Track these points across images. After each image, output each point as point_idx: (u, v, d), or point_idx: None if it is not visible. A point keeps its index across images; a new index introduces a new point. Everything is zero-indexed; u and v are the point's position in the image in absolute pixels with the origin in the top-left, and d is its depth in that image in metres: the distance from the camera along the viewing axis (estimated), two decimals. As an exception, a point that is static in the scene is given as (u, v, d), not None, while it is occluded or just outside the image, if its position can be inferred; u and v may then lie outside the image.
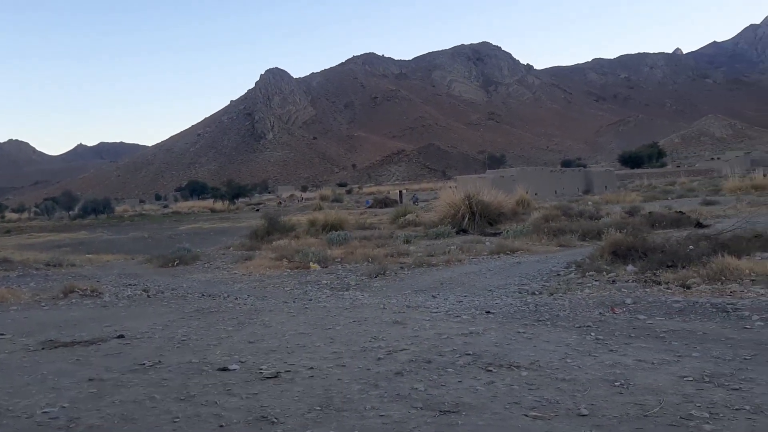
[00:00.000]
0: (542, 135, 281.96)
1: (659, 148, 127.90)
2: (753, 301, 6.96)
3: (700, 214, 22.07)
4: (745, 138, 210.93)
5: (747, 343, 5.29)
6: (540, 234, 18.37)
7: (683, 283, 8.67)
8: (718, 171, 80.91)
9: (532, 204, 30.41)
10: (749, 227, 13.74)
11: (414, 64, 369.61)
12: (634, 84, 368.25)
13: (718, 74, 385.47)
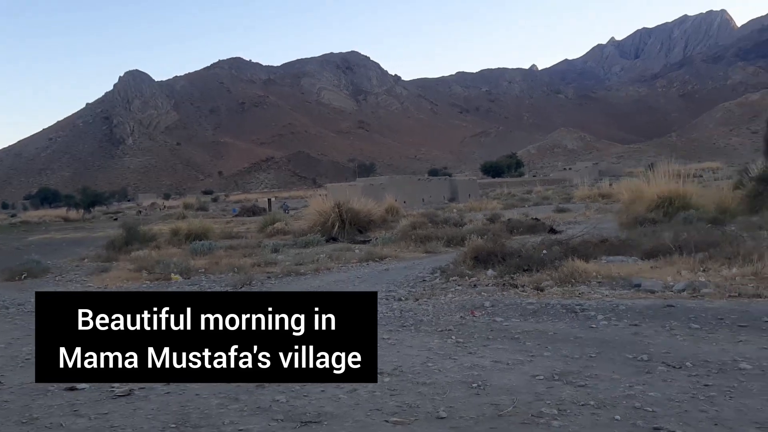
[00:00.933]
0: (410, 144, 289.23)
1: (518, 159, 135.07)
2: (598, 302, 7.47)
3: (554, 220, 23.44)
4: (594, 150, 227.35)
5: (592, 341, 5.67)
6: (408, 241, 18.75)
7: (537, 286, 9.13)
8: (570, 180, 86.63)
9: (401, 212, 31.02)
10: (596, 233, 14.74)
11: (283, 71, 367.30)
12: (494, 97, 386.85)
13: (569, 90, 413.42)
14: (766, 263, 9.01)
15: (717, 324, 5.97)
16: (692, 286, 8.09)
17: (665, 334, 5.76)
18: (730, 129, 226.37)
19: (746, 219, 16.70)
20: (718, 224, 15.65)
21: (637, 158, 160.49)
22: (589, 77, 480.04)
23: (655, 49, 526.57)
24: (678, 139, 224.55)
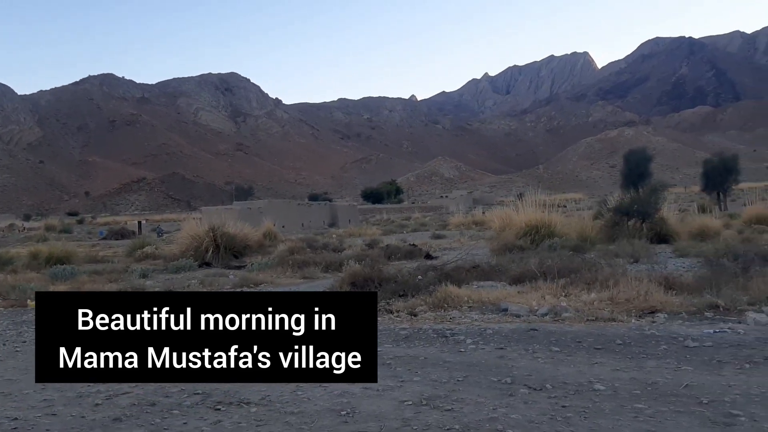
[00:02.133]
0: (291, 168, 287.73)
1: (397, 186, 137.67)
2: (468, 326, 7.67)
3: (431, 246, 23.97)
4: (469, 179, 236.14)
5: (461, 365, 5.79)
6: (285, 266, 18.47)
7: (412, 311, 9.25)
8: (447, 208, 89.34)
9: (279, 236, 30.64)
10: (469, 259, 15.20)
11: (158, 89, 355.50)
12: (375, 125, 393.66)
13: (446, 121, 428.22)
14: (621, 289, 9.61)
15: (575, 347, 6.28)
16: (554, 311, 8.50)
17: (528, 357, 5.99)
18: (592, 163, 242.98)
19: (605, 247, 17.80)
20: (579, 252, 16.60)
21: (509, 188, 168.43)
22: (465, 109, 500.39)
23: (525, 86, 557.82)
24: (545, 171, 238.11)
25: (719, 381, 4.87)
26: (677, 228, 22.13)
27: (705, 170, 63.16)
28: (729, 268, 10.91)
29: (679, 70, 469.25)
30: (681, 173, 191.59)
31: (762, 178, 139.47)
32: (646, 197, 22.84)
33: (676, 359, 5.63)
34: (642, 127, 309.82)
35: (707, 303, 8.64)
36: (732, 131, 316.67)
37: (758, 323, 7.31)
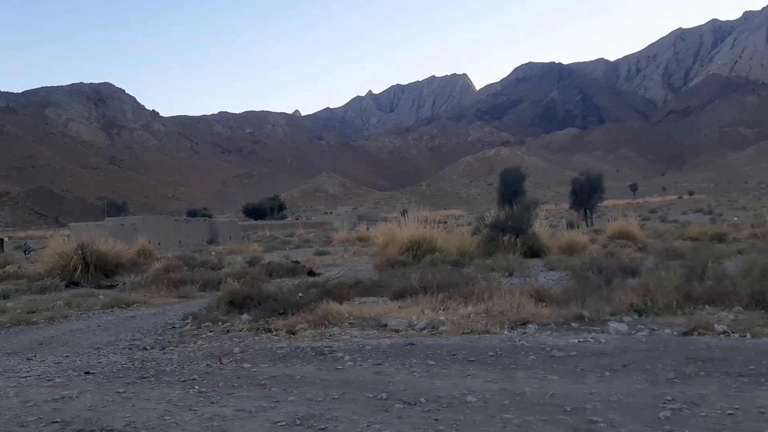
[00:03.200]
0: (168, 183, 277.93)
1: (281, 201, 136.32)
2: (347, 343, 7.64)
3: (314, 263, 23.82)
4: (354, 195, 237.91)
5: (337, 383, 5.74)
6: (160, 285, 17.70)
7: (291, 330, 9.10)
8: (331, 224, 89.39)
9: (155, 254, 29.41)
10: (352, 275, 15.21)
11: (24, 99, 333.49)
12: (258, 139, 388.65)
13: (331, 137, 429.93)
14: (495, 302, 9.93)
15: (450, 360, 6.40)
16: (432, 325, 8.65)
17: (405, 371, 6.03)
18: (471, 180, 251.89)
19: (482, 261, 18.35)
20: (458, 266, 17.04)
21: (393, 204, 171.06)
22: (349, 126, 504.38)
23: (408, 105, 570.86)
24: (427, 187, 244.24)
25: (582, 389, 5.11)
26: (548, 243, 23.19)
27: (573, 188, 66.98)
28: (594, 281, 11.52)
29: (550, 93, 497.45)
30: (552, 191, 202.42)
31: (624, 196, 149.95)
32: (519, 214, 23.82)
33: (543, 369, 5.85)
34: (517, 147, 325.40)
35: (574, 314, 9.08)
36: (598, 152, 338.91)
37: (619, 332, 7.76)
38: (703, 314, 8.95)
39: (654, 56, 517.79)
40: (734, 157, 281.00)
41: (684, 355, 6.09)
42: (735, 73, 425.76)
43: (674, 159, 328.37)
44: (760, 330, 7.58)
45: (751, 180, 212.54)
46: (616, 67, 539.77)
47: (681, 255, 15.86)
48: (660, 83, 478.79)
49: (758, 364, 5.63)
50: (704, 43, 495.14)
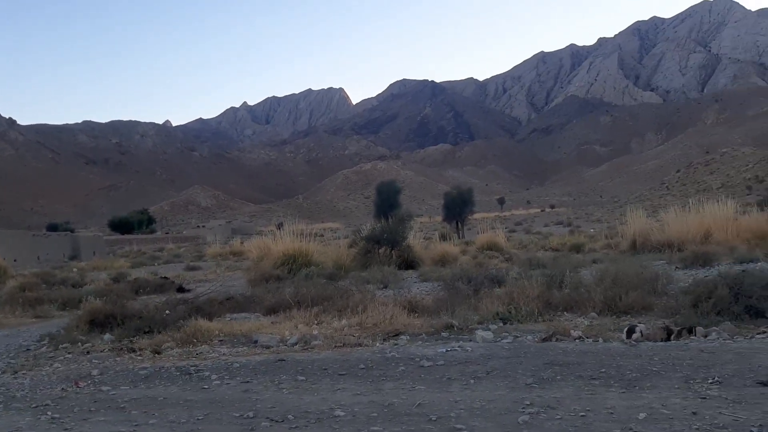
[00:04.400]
0: (26, 196, 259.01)
1: (149, 215, 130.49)
2: (215, 362, 7.41)
3: (184, 279, 23.00)
4: (228, 208, 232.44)
5: (203, 403, 5.54)
6: (14, 305, 16.43)
7: (156, 349, 8.71)
8: (203, 238, 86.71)
9: (9, 271, 27.33)
10: (224, 290, 14.81)
11: None
12: (125, 150, 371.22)
13: (204, 148, 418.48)
14: (369, 314, 10.00)
15: (321, 374, 6.36)
16: (304, 339, 8.57)
17: (274, 388, 5.93)
18: (348, 194, 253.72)
19: (358, 274, 18.46)
20: (334, 279, 17.04)
21: (268, 217, 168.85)
22: (223, 137, 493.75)
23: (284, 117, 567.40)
24: (304, 200, 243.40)
25: (447, 398, 5.23)
26: (422, 254, 23.71)
27: (446, 202, 69.23)
28: (463, 291, 11.89)
29: (423, 110, 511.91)
30: (426, 204, 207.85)
31: (493, 209, 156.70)
32: (394, 226, 24.19)
33: (411, 380, 5.95)
34: (393, 161, 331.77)
35: (444, 323, 9.32)
36: (468, 167, 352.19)
37: (485, 340, 8.05)
38: (561, 320, 9.47)
39: (519, 77, 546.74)
40: (590, 173, 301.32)
41: (542, 361, 6.40)
42: (591, 95, 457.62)
43: (537, 174, 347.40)
44: (611, 334, 8.12)
45: (605, 194, 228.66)
46: (485, 87, 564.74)
47: (543, 264, 16.68)
48: (524, 103, 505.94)
49: (608, 366, 6.01)
50: (563, 66, 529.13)
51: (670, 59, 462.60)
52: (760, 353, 6.26)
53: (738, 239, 20.68)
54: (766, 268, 11.21)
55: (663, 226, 22.97)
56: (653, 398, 4.89)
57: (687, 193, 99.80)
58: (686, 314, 8.59)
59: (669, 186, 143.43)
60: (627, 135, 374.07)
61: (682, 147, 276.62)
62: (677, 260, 16.73)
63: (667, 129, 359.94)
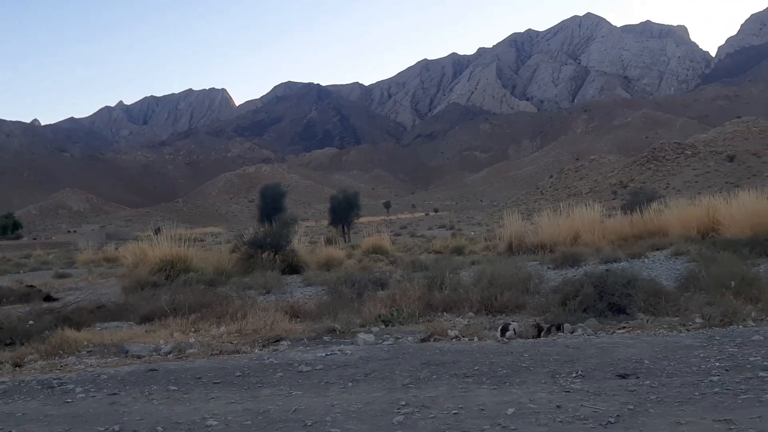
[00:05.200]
0: None
1: (15, 219, 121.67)
2: (80, 374, 6.98)
3: (52, 287, 21.59)
4: (102, 212, 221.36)
5: (64, 417, 5.20)
6: None
7: (17, 362, 8.12)
8: (75, 244, 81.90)
9: None
10: (95, 299, 14.06)
11: None
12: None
13: (76, 149, 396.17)
14: (249, 320, 9.80)
15: (195, 383, 6.15)
16: (179, 348, 8.27)
17: (143, 399, 5.66)
18: (231, 197, 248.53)
19: (240, 279, 18.07)
20: (214, 285, 16.56)
21: (146, 222, 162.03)
22: (97, 138, 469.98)
23: (163, 118, 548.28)
24: (184, 204, 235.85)
25: (324, 402, 5.20)
26: (307, 259, 23.52)
27: (332, 205, 69.16)
28: (346, 294, 11.91)
29: (309, 113, 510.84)
30: (313, 208, 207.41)
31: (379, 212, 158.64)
32: (278, 230, 23.88)
33: (289, 385, 5.86)
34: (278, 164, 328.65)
35: (326, 328, 9.29)
36: (354, 171, 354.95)
37: (366, 343, 8.09)
38: (441, 321, 9.69)
39: (403, 83, 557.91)
40: (471, 178, 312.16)
41: (420, 361, 6.51)
42: (471, 102, 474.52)
43: (422, 179, 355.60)
44: (486, 333, 8.40)
45: (485, 198, 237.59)
46: (370, 92, 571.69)
47: (425, 267, 17.01)
48: (409, 109, 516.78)
49: (481, 364, 6.20)
50: (446, 74, 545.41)
51: (544, 70, 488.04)
52: (620, 347, 6.67)
53: (604, 241, 21.96)
54: (628, 268, 11.95)
55: (537, 229, 24.05)
56: (522, 393, 5.08)
57: (559, 197, 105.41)
58: (555, 312, 9.03)
59: (543, 190, 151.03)
60: (505, 142, 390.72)
61: (554, 154, 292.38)
62: (549, 261, 17.52)
63: (541, 137, 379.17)
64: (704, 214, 21.16)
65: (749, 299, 8.69)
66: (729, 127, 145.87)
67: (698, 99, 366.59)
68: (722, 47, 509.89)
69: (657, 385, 5.10)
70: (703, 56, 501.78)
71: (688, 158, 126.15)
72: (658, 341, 6.92)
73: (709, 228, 20.33)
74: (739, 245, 14.95)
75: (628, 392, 4.95)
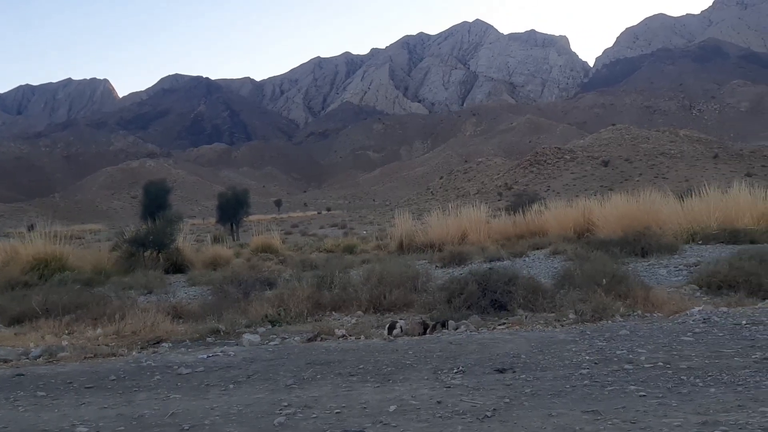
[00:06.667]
0: None
1: None
2: (-66, 382, 6.42)
3: None
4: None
5: None
6: None
7: None
8: (-64, 241, 75.54)
9: None
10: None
11: None
12: None
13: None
14: (128, 321, 9.39)
15: (65, 388, 5.80)
16: (50, 351, 7.80)
17: (8, 406, 5.28)
18: (113, 193, 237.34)
19: (120, 279, 17.36)
20: (92, 285, 15.80)
21: (19, 218, 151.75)
22: None
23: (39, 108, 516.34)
24: (61, 200, 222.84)
25: (204, 405, 5.04)
26: (192, 258, 22.93)
27: (220, 203, 67.64)
28: (232, 294, 11.67)
29: (197, 107, 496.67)
30: (200, 205, 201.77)
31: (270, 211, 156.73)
32: (162, 228, 23.11)
33: (167, 388, 5.65)
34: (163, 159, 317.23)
35: (210, 329, 9.06)
36: (245, 168, 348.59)
37: (252, 343, 7.95)
38: (329, 320, 9.70)
39: (296, 80, 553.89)
40: (364, 178, 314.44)
41: (305, 361, 6.45)
42: (365, 102, 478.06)
43: (314, 177, 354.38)
44: (374, 331, 8.48)
45: (378, 198, 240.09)
46: (262, 87, 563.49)
47: (316, 266, 16.98)
48: (302, 106, 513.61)
49: (366, 362, 6.24)
50: (339, 73, 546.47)
51: (435, 74, 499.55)
52: (499, 343, 6.91)
53: (489, 240, 22.78)
54: (509, 266, 12.43)
55: (426, 228, 24.59)
56: (404, 390, 5.15)
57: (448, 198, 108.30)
58: (441, 309, 9.25)
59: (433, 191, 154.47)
60: (397, 142, 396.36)
61: (444, 156, 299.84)
62: (437, 260, 17.95)
63: (432, 138, 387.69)
64: (580, 215, 22.39)
65: (618, 296, 9.22)
66: (604, 133, 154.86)
67: (577, 106, 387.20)
68: (599, 58, 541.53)
69: (532, 379, 5.31)
70: (582, 66, 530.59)
71: (567, 163, 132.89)
72: (535, 336, 7.21)
73: (585, 228, 21.54)
74: (611, 245, 15.89)
75: (505, 386, 5.12)
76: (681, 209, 20.21)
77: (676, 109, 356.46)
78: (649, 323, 7.69)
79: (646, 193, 21.54)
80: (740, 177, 42.90)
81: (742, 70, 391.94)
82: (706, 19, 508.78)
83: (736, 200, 19.58)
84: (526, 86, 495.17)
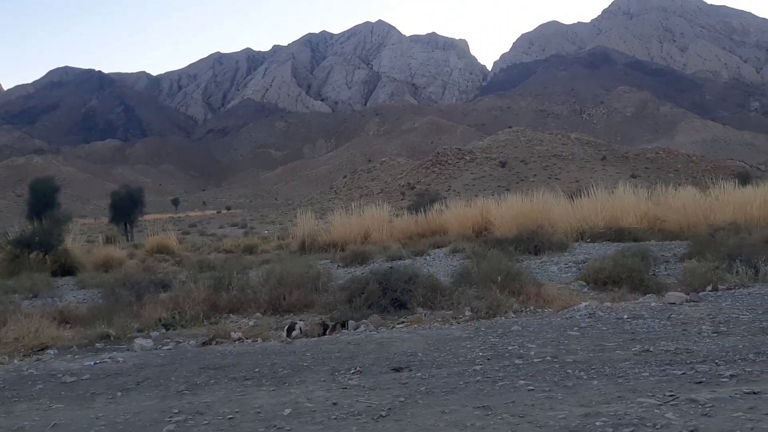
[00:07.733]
0: None
1: None
2: None
3: None
4: None
5: None
6: None
7: None
8: None
9: None
10: None
11: None
12: None
13: None
14: (10, 327, 8.86)
15: None
16: None
17: None
18: None
19: (2, 283, 16.41)
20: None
21: None
22: None
23: None
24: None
25: (89, 414, 4.80)
26: (83, 259, 21.99)
27: (113, 202, 64.83)
28: (124, 297, 11.22)
29: (89, 102, 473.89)
30: (92, 204, 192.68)
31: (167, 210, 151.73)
32: (49, 228, 22.04)
33: (49, 398, 5.35)
34: (52, 155, 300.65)
35: (99, 334, 8.67)
36: (140, 165, 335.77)
37: (144, 348, 7.65)
38: (227, 323, 9.48)
39: (195, 76, 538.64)
40: (266, 176, 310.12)
41: (198, 365, 6.28)
42: (266, 99, 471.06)
43: (214, 175, 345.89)
44: (272, 333, 8.36)
45: (280, 197, 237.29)
46: (159, 82, 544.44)
47: (213, 267, 16.59)
48: (200, 102, 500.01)
49: (262, 366, 6.14)
50: (240, 69, 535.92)
51: (338, 73, 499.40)
52: (398, 342, 6.98)
53: (391, 239, 23.01)
54: (410, 265, 12.60)
55: (329, 228, 24.55)
56: (300, 393, 5.10)
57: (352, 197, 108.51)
58: (342, 309, 9.24)
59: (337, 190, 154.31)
60: (300, 141, 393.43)
61: (348, 155, 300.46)
62: (339, 259, 17.95)
63: (336, 137, 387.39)
64: (478, 214, 23.05)
65: (512, 292, 9.54)
66: (501, 135, 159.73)
67: (476, 108, 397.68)
68: (497, 62, 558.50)
69: (427, 377, 5.40)
70: (481, 69, 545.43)
71: (467, 163, 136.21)
72: (432, 334, 7.34)
73: (483, 227, 22.19)
74: (507, 243, 16.44)
75: (401, 385, 5.18)
76: (571, 209, 21.17)
77: (568, 113, 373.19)
78: (539, 319, 7.99)
79: (539, 193, 22.43)
80: (626, 178, 45.47)
81: (628, 76, 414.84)
82: (595, 27, 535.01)
83: (622, 200, 20.72)
84: (428, 88, 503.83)
